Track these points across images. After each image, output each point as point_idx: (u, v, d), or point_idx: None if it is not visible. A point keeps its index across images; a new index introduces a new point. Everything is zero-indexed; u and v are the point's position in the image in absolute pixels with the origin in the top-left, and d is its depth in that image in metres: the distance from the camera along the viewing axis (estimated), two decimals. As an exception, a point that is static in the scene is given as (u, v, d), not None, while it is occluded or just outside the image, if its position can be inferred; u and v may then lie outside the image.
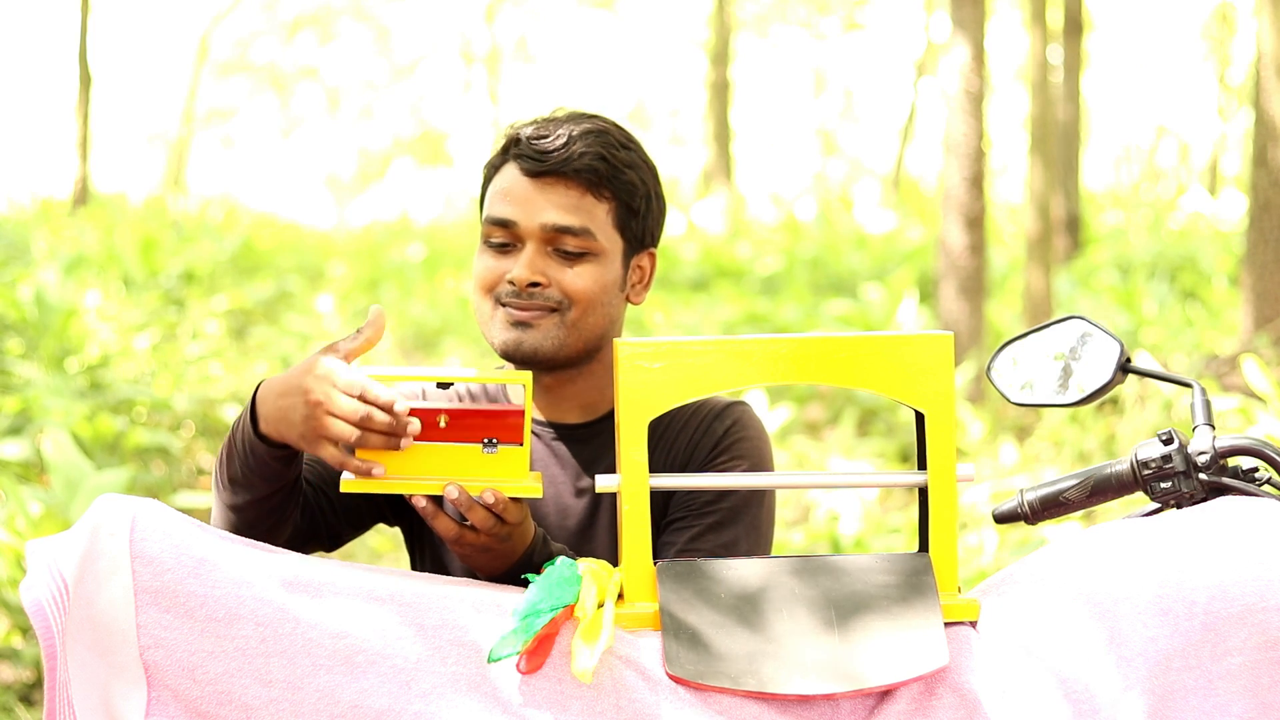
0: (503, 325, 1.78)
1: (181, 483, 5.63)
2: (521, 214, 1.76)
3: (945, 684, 1.40)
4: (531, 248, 1.76)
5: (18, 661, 3.75)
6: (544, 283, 1.75)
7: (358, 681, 1.38)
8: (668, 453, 1.83)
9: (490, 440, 1.52)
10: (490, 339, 1.80)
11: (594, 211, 1.77)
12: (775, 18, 22.64)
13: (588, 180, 1.77)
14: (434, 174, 25.89)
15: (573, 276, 1.76)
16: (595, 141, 1.78)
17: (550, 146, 1.76)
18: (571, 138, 1.77)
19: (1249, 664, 1.38)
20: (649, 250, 1.86)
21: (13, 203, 13.14)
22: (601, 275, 1.78)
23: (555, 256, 1.77)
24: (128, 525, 1.41)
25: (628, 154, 1.81)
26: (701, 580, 1.46)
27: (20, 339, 6.15)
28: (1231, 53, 19.09)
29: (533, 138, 1.78)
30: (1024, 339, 1.69)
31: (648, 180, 1.83)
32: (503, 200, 1.78)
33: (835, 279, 10.88)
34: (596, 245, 1.77)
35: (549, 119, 1.82)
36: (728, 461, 1.82)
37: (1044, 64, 7.53)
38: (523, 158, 1.77)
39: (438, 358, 9.21)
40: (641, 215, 1.82)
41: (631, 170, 1.80)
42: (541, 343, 1.76)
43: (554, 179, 1.76)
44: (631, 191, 1.80)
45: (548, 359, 1.77)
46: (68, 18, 19.08)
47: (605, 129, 1.81)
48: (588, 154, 1.76)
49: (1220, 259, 9.93)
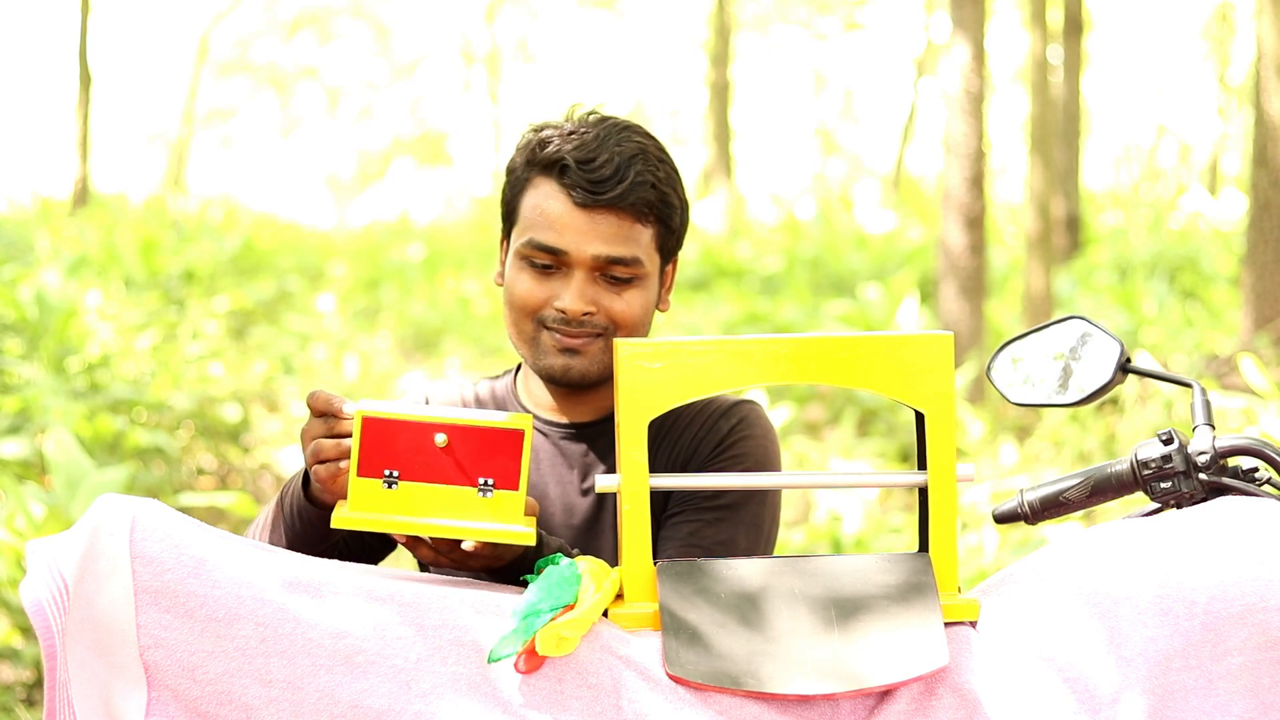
0: (550, 351, 1.78)
1: (181, 483, 5.63)
2: (572, 244, 1.75)
3: (945, 684, 1.40)
4: (581, 276, 1.76)
5: (18, 661, 3.75)
6: (594, 311, 1.76)
7: (357, 681, 1.38)
8: (672, 449, 1.84)
9: (486, 483, 1.49)
10: (532, 360, 1.81)
11: (640, 238, 1.78)
12: (775, 18, 22.64)
13: (637, 210, 1.76)
14: (434, 174, 25.89)
15: (622, 305, 1.77)
16: (643, 168, 1.76)
17: (601, 176, 1.74)
18: (620, 166, 1.75)
19: (1249, 664, 1.38)
20: (675, 257, 1.88)
21: (13, 203, 13.14)
22: (646, 298, 1.80)
23: (603, 283, 1.77)
24: (128, 525, 1.41)
25: (666, 171, 1.80)
26: (701, 580, 1.46)
27: (20, 339, 6.14)
28: (1231, 53, 19.08)
29: (581, 163, 1.75)
30: (1024, 339, 1.69)
31: (682, 194, 1.83)
32: (549, 227, 1.76)
33: (835, 279, 10.88)
34: (642, 270, 1.78)
35: (586, 134, 1.78)
36: (730, 459, 1.83)
37: (1044, 64, 7.53)
38: (574, 188, 1.75)
39: (438, 357, 9.22)
40: (677, 231, 1.84)
41: (671, 190, 1.80)
42: (589, 368, 1.79)
43: (605, 210, 1.75)
44: (671, 212, 1.81)
45: (594, 381, 1.80)
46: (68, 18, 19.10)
47: (645, 148, 1.79)
48: (639, 184, 1.75)
49: (1220, 259, 9.93)
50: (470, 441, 1.48)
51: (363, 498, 1.49)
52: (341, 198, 25.07)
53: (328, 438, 1.55)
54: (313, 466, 1.56)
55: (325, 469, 1.55)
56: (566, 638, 1.38)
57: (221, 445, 6.24)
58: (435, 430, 1.48)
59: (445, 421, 1.48)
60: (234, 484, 5.97)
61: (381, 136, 26.18)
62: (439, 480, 1.49)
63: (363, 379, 8.14)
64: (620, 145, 1.77)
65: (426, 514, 1.48)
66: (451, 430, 1.48)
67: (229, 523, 5.04)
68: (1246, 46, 17.75)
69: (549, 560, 1.48)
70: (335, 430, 1.54)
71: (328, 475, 1.55)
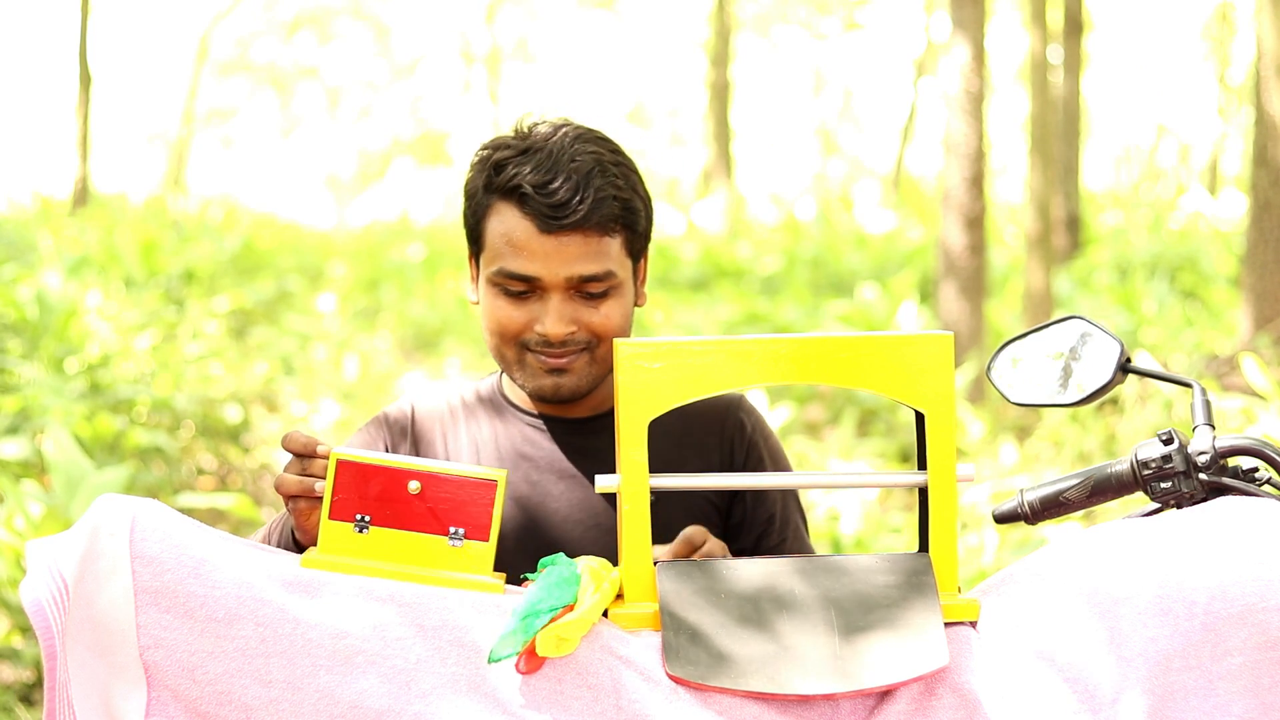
0: (535, 373, 1.79)
1: (181, 483, 5.63)
2: (544, 270, 1.74)
3: (945, 684, 1.40)
4: (557, 298, 1.76)
5: (18, 661, 3.75)
6: (576, 329, 1.77)
7: (357, 682, 1.38)
8: (698, 452, 1.87)
9: (457, 532, 1.49)
10: (519, 382, 1.81)
11: (609, 250, 1.77)
12: (775, 18, 22.64)
13: (603, 225, 1.75)
14: (434, 174, 25.88)
15: (601, 318, 1.77)
16: (602, 182, 1.75)
17: (561, 200, 1.72)
18: (579, 185, 1.73)
19: (1249, 664, 1.38)
20: (645, 253, 1.87)
21: (13, 203, 13.14)
22: (624, 305, 1.80)
23: (580, 300, 1.77)
24: (128, 525, 1.41)
25: (625, 175, 1.79)
26: (701, 580, 1.46)
27: (20, 339, 6.14)
28: (1231, 53, 19.09)
29: (538, 188, 1.73)
30: (1024, 339, 1.69)
31: (644, 194, 1.83)
32: (517, 255, 1.75)
33: (835, 279, 10.88)
34: (615, 280, 1.78)
35: (539, 152, 1.75)
36: (758, 460, 1.90)
37: (1044, 64, 7.52)
38: (536, 215, 1.73)
39: (438, 357, 9.21)
40: (643, 230, 1.83)
41: (634, 194, 1.79)
42: (578, 383, 1.80)
43: (570, 232, 1.74)
44: (636, 218, 1.80)
45: (584, 395, 1.82)
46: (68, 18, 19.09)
47: (600, 159, 1.76)
48: (601, 200, 1.74)
49: (1220, 259, 9.93)
50: (443, 490, 1.48)
51: (333, 540, 1.49)
52: (341, 198, 25.07)
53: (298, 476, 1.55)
54: (287, 504, 1.56)
55: (299, 506, 1.54)
56: (565, 639, 1.38)
57: (221, 445, 6.24)
58: (409, 477, 1.48)
59: (419, 469, 1.48)
60: (234, 484, 5.96)
61: (381, 136, 26.18)
62: (410, 527, 1.49)
63: (363, 379, 8.14)
64: (575, 160, 1.74)
65: (396, 560, 1.48)
66: (425, 478, 1.48)
67: (228, 524, 5.04)
68: (1246, 46, 17.75)
69: (550, 560, 1.48)
70: (309, 470, 1.54)
71: (303, 511, 1.55)
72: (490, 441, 1.87)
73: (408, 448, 1.88)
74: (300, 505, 1.55)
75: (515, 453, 1.86)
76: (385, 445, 1.88)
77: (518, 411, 1.89)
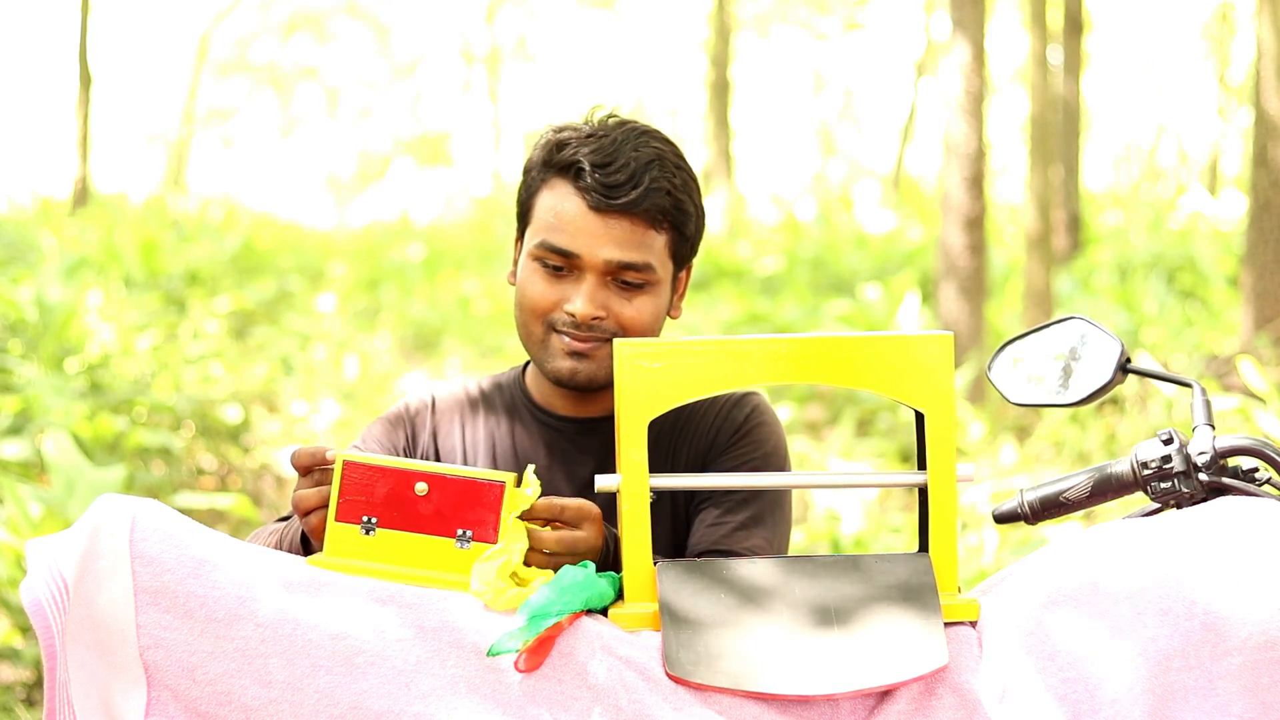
0: (558, 354, 1.78)
1: (181, 483, 5.63)
2: (585, 247, 1.74)
3: (945, 684, 1.40)
4: (592, 280, 1.75)
5: (18, 661, 3.75)
6: (604, 316, 1.76)
7: (357, 683, 1.38)
8: (690, 441, 1.85)
9: (464, 534, 1.48)
10: (540, 362, 1.81)
11: (654, 244, 1.77)
12: (775, 18, 22.64)
13: (651, 216, 1.76)
14: (434, 174, 25.89)
15: (632, 311, 1.76)
16: (659, 174, 1.75)
17: (616, 180, 1.73)
18: (636, 171, 1.74)
19: (1249, 664, 1.38)
20: (688, 264, 1.87)
21: (13, 203, 13.14)
22: (656, 305, 1.79)
23: (614, 287, 1.77)
24: (128, 525, 1.41)
25: (683, 178, 1.79)
26: (701, 580, 1.46)
27: (20, 339, 6.14)
28: (1231, 53, 19.08)
29: (597, 167, 1.74)
30: (1024, 339, 1.69)
31: (698, 201, 1.83)
32: (562, 229, 1.75)
33: (835, 279, 10.88)
34: (654, 276, 1.78)
35: (604, 137, 1.77)
36: (750, 445, 1.85)
37: (1044, 64, 7.52)
38: (589, 191, 1.74)
39: (438, 358, 9.22)
40: (691, 238, 1.83)
41: (687, 197, 1.79)
42: (596, 372, 1.78)
43: (619, 215, 1.74)
44: (686, 219, 1.80)
45: (601, 386, 1.80)
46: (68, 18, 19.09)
47: (663, 154, 1.78)
48: (654, 190, 1.74)
49: (1220, 259, 9.92)
50: (451, 492, 1.48)
51: (340, 543, 1.48)
52: (341, 198, 25.07)
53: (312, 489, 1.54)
54: (303, 519, 1.54)
55: (313, 519, 1.53)
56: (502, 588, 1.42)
57: (221, 445, 6.24)
58: (416, 479, 1.48)
59: (426, 471, 1.48)
60: (234, 484, 5.96)
61: (381, 137, 26.18)
62: (417, 529, 1.48)
63: (363, 379, 8.15)
64: (638, 150, 1.76)
65: (402, 562, 1.48)
66: (432, 480, 1.48)
67: (228, 524, 5.04)
68: (1246, 46, 17.75)
69: None
70: (324, 482, 1.53)
71: (316, 525, 1.53)
72: (507, 437, 1.88)
73: (427, 437, 1.88)
74: (320, 516, 1.53)
75: (530, 451, 1.86)
76: (406, 437, 1.88)
77: (535, 409, 1.89)
